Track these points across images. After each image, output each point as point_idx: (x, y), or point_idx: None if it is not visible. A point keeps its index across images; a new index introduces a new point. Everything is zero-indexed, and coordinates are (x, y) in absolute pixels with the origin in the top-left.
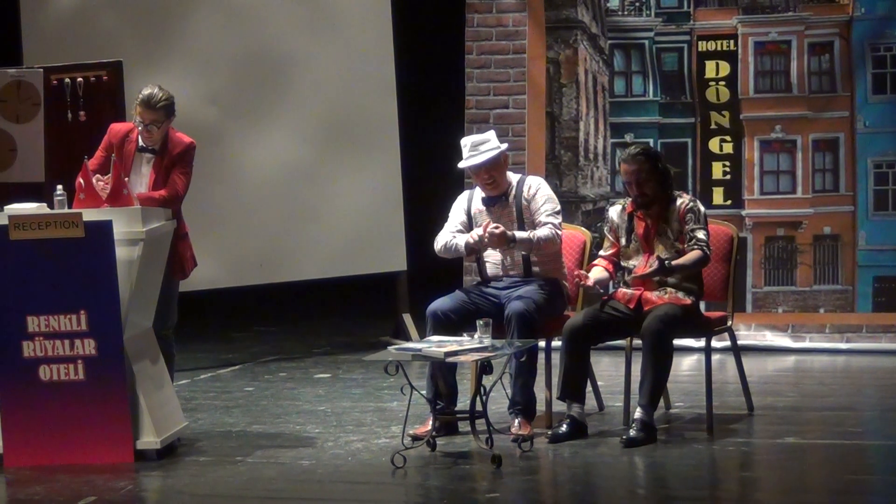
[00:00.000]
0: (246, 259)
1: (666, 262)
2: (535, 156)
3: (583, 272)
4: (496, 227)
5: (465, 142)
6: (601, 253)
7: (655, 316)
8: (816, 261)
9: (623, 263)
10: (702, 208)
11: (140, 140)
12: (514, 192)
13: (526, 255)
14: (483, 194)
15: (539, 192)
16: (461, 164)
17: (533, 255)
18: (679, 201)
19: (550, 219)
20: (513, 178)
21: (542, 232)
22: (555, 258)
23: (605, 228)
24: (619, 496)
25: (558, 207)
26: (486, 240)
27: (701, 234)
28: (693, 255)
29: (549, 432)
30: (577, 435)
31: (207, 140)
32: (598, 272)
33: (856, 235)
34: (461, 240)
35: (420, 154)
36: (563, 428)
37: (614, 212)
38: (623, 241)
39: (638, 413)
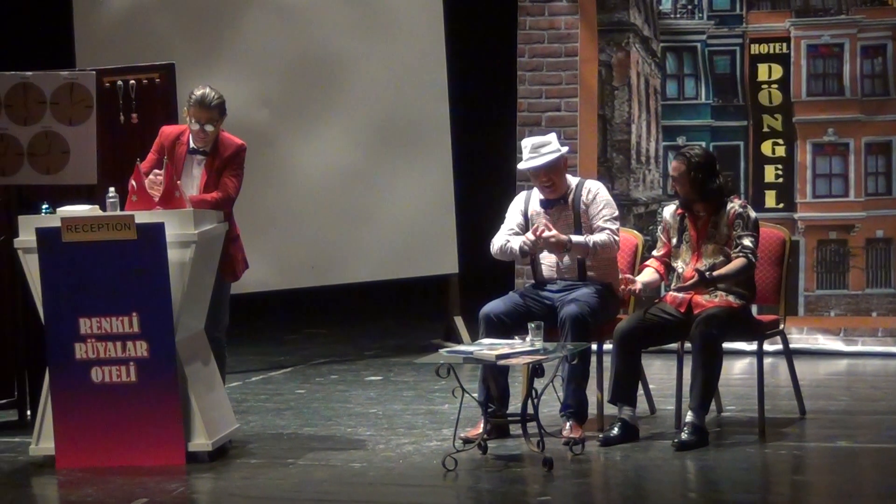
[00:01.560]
0: (298, 261)
1: (707, 273)
2: (587, 159)
3: (630, 276)
4: (552, 235)
5: (526, 143)
6: (653, 253)
7: (704, 319)
8: (869, 264)
9: (673, 264)
10: (752, 214)
11: (191, 142)
12: (572, 195)
13: (581, 259)
14: (541, 196)
15: (598, 196)
16: (520, 166)
17: (589, 259)
18: (729, 206)
19: (608, 224)
20: (572, 181)
21: (599, 237)
22: (609, 262)
23: (659, 228)
24: (671, 499)
25: (616, 213)
26: (540, 243)
27: (747, 241)
28: (737, 263)
29: (601, 435)
30: (629, 438)
31: (259, 142)
32: (647, 274)
33: None
34: (515, 243)
35: (472, 156)
36: (615, 431)
37: (667, 212)
38: (674, 241)
39: (689, 416)
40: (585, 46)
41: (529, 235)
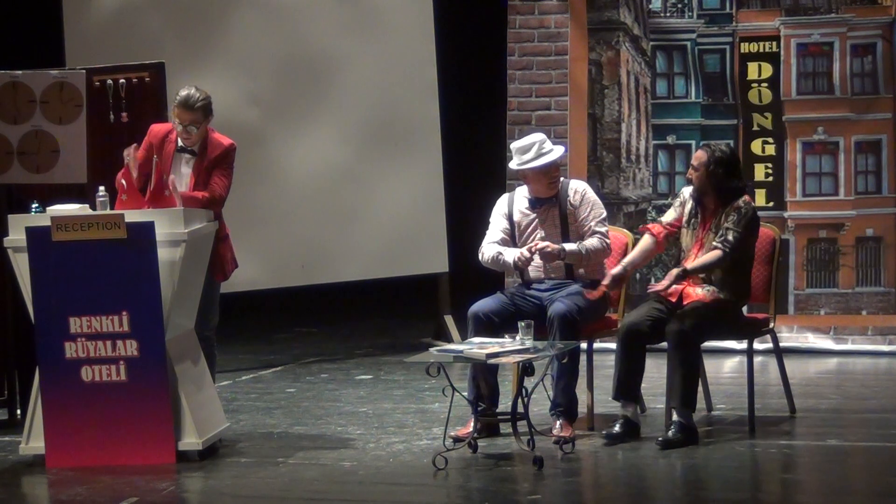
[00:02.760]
0: (288, 260)
1: (680, 272)
2: (577, 157)
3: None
4: (546, 247)
5: (527, 143)
6: (663, 219)
7: (679, 315)
8: (859, 263)
9: (682, 243)
10: (749, 212)
11: (179, 141)
12: (559, 195)
13: None
14: (528, 196)
15: (585, 197)
16: (537, 163)
17: (582, 266)
18: (735, 201)
19: (599, 228)
20: None
21: (591, 243)
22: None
23: (677, 200)
24: (661, 498)
25: (605, 214)
26: (535, 255)
27: (730, 236)
28: (711, 254)
29: (605, 432)
30: (631, 436)
31: (249, 141)
32: (638, 251)
33: None
34: (508, 256)
35: (462, 155)
36: (617, 429)
37: (687, 191)
38: (685, 218)
39: (674, 415)
40: (575, 45)
41: (525, 252)
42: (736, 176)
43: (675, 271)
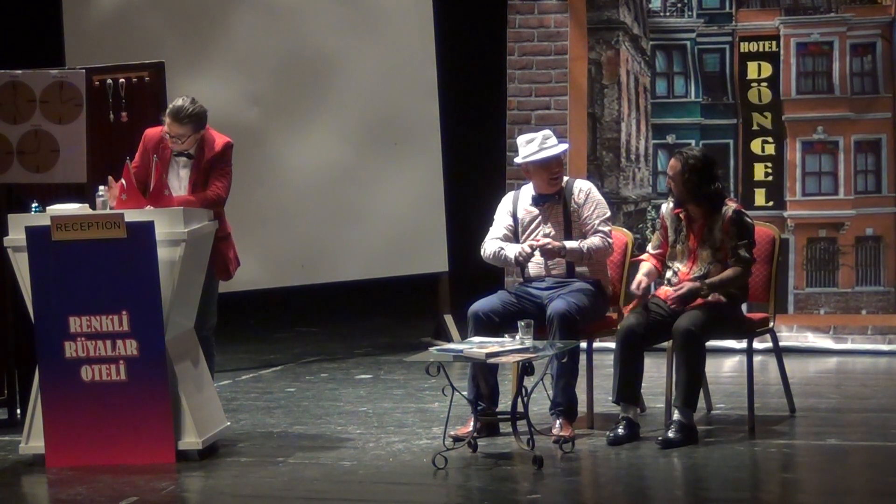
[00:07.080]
0: (287, 260)
1: (702, 283)
2: (577, 157)
3: (638, 285)
4: (547, 244)
5: (530, 138)
6: (649, 249)
7: (686, 316)
8: (858, 262)
9: (668, 264)
10: (747, 220)
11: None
12: (563, 192)
13: None
14: (533, 193)
15: (590, 196)
16: (537, 157)
17: (583, 264)
18: (724, 209)
19: (602, 227)
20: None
21: (593, 242)
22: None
23: (657, 225)
24: (661, 497)
25: (608, 213)
26: (536, 251)
27: (743, 252)
28: (731, 271)
29: (610, 434)
30: (634, 437)
31: (249, 141)
32: (646, 268)
33: None
34: (510, 251)
35: (462, 155)
36: (621, 430)
37: (665, 209)
38: (671, 239)
39: (675, 414)
40: (575, 44)
41: (526, 247)
42: (711, 180)
43: (692, 285)
